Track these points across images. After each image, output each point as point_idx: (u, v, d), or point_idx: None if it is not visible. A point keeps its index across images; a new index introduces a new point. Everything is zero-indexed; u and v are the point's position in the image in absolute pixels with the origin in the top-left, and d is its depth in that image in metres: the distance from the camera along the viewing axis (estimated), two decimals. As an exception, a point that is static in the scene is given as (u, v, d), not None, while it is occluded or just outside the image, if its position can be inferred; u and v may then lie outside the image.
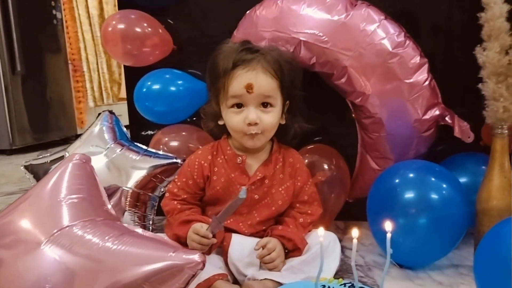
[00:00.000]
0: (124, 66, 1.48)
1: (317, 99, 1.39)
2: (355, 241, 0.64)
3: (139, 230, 0.68)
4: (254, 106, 0.98)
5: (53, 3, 3.31)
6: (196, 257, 0.61)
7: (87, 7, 3.71)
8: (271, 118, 1.00)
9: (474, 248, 1.07)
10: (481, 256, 0.81)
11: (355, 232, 0.65)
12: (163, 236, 0.83)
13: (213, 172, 1.04)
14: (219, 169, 1.04)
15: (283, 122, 1.05)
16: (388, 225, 0.67)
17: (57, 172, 0.76)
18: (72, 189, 0.73)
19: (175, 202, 1.04)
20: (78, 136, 1.67)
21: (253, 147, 1.02)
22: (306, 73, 1.24)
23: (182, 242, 0.95)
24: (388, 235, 0.67)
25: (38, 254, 0.64)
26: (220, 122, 1.06)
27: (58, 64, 3.44)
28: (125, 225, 0.71)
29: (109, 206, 0.76)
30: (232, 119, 1.00)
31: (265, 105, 0.99)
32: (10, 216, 0.70)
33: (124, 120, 1.52)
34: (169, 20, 1.44)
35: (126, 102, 1.52)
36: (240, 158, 1.03)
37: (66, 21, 3.54)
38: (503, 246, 0.76)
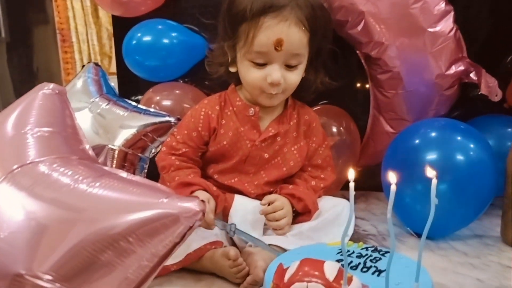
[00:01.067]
0: (113, 17, 1.34)
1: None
2: (393, 187, 0.53)
3: (123, 174, 0.56)
4: (279, 64, 0.86)
5: (40, -32, 3.14)
6: (193, 204, 0.49)
7: (76, -26, 3.53)
8: (296, 76, 0.88)
9: (502, 215, 0.96)
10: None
11: (392, 177, 0.54)
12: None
13: (221, 125, 0.92)
14: (227, 122, 0.92)
15: (304, 75, 0.92)
16: (430, 172, 0.56)
17: (23, 101, 0.61)
18: (41, 121, 0.59)
19: (173, 158, 0.91)
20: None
21: (270, 105, 0.91)
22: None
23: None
24: (434, 181, 0.55)
25: (-8, 196, 0.51)
26: (232, 69, 0.92)
27: (46, 33, 3.29)
28: (106, 168, 0.58)
29: (87, 146, 0.63)
30: (251, 74, 0.87)
31: (290, 66, 0.87)
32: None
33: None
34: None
35: (117, 76, 1.38)
36: (252, 109, 0.91)
37: (54, -12, 3.36)
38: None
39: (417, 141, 0.97)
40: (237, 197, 0.89)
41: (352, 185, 0.53)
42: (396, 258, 0.65)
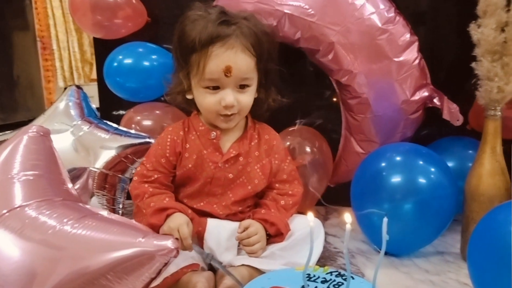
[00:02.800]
0: (94, 38, 1.38)
1: (299, 79, 1.33)
2: (348, 226, 0.58)
3: (104, 213, 0.60)
4: (231, 88, 0.91)
5: (20, -24, 3.13)
6: (169, 243, 0.54)
7: (57, -19, 3.52)
8: (248, 97, 0.94)
9: (461, 234, 1.03)
10: (476, 244, 0.76)
11: (348, 217, 0.59)
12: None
13: (185, 149, 0.97)
14: (191, 146, 0.97)
15: (256, 95, 0.99)
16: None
17: (9, 145, 0.66)
18: (27, 164, 0.63)
19: (146, 185, 0.95)
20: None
21: (227, 128, 0.96)
22: (288, 50, 1.17)
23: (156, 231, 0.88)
24: (385, 220, 0.61)
25: (-17, 239, 0.55)
26: (189, 96, 0.98)
27: (26, 41, 3.27)
28: (88, 206, 0.63)
29: (70, 185, 0.68)
30: (206, 99, 0.93)
31: (242, 86, 0.93)
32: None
33: (96, 102, 1.43)
34: (143, -10, 1.34)
35: (98, 92, 1.42)
36: (214, 133, 0.96)
37: (34, -4, 3.35)
38: (500, 234, 0.71)
39: (383, 164, 1.03)
40: (210, 221, 0.93)
41: (311, 225, 0.58)
42: (357, 283, 0.71)
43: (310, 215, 0.60)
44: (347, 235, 0.58)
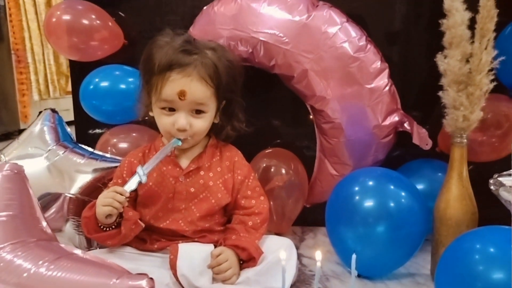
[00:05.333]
0: (70, 60, 1.37)
1: (276, 102, 1.35)
2: (318, 264, 0.60)
3: (78, 252, 0.60)
4: (185, 111, 0.96)
5: (-6, -12, 3.09)
6: (143, 283, 0.55)
7: (32, -6, 3.48)
8: (202, 123, 0.98)
9: (431, 256, 1.06)
10: (442, 272, 0.79)
11: (318, 255, 0.61)
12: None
13: None
14: None
15: (217, 121, 1.03)
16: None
17: (-18, 185, 0.66)
18: (0, 205, 0.63)
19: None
20: (21, 131, 1.50)
21: (181, 148, 1.00)
22: (265, 75, 1.20)
23: (93, 227, 0.92)
24: (354, 256, 0.63)
25: (-45, 284, 0.55)
26: (151, 114, 1.02)
27: (0, 54, 3.22)
28: (63, 245, 0.63)
29: (44, 224, 0.67)
30: (162, 120, 0.98)
31: (197, 111, 0.97)
32: None
33: (71, 115, 1.41)
34: (120, 13, 1.35)
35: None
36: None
37: (9, 8, 3.31)
38: (465, 262, 0.74)
39: (356, 188, 1.06)
40: (181, 246, 0.93)
41: (283, 264, 0.59)
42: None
43: (283, 254, 0.61)
44: (317, 274, 0.59)
